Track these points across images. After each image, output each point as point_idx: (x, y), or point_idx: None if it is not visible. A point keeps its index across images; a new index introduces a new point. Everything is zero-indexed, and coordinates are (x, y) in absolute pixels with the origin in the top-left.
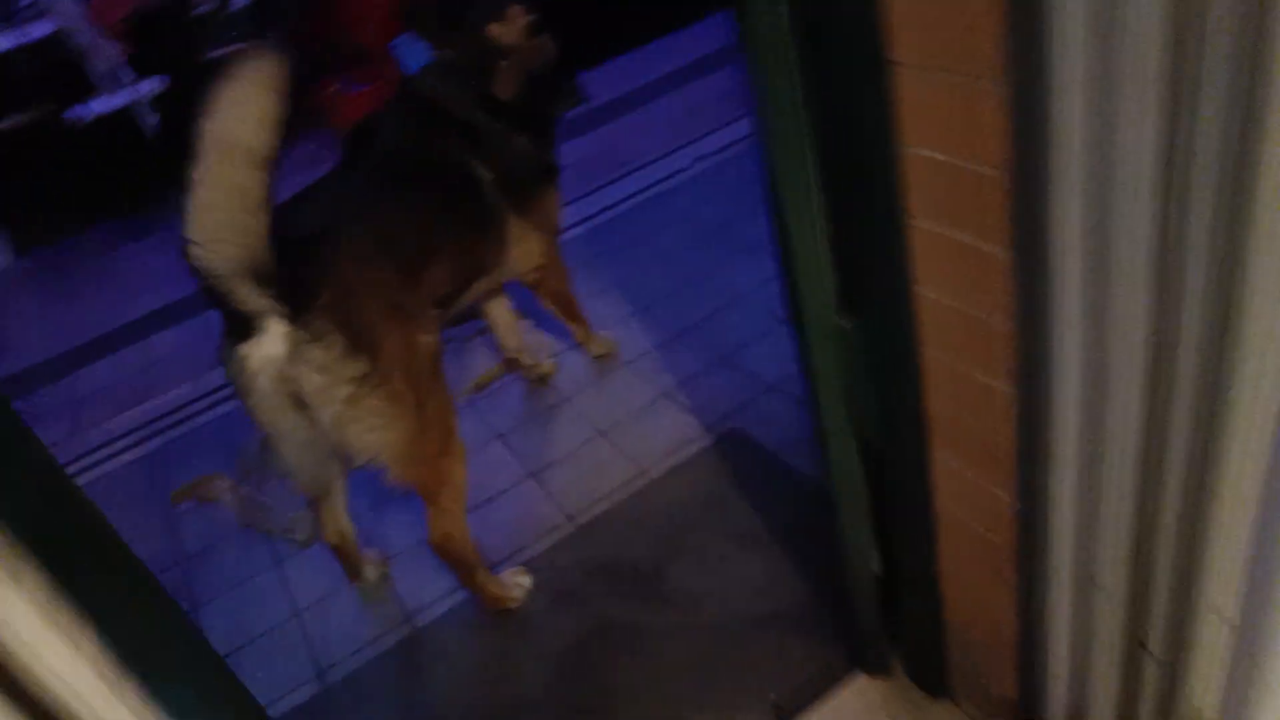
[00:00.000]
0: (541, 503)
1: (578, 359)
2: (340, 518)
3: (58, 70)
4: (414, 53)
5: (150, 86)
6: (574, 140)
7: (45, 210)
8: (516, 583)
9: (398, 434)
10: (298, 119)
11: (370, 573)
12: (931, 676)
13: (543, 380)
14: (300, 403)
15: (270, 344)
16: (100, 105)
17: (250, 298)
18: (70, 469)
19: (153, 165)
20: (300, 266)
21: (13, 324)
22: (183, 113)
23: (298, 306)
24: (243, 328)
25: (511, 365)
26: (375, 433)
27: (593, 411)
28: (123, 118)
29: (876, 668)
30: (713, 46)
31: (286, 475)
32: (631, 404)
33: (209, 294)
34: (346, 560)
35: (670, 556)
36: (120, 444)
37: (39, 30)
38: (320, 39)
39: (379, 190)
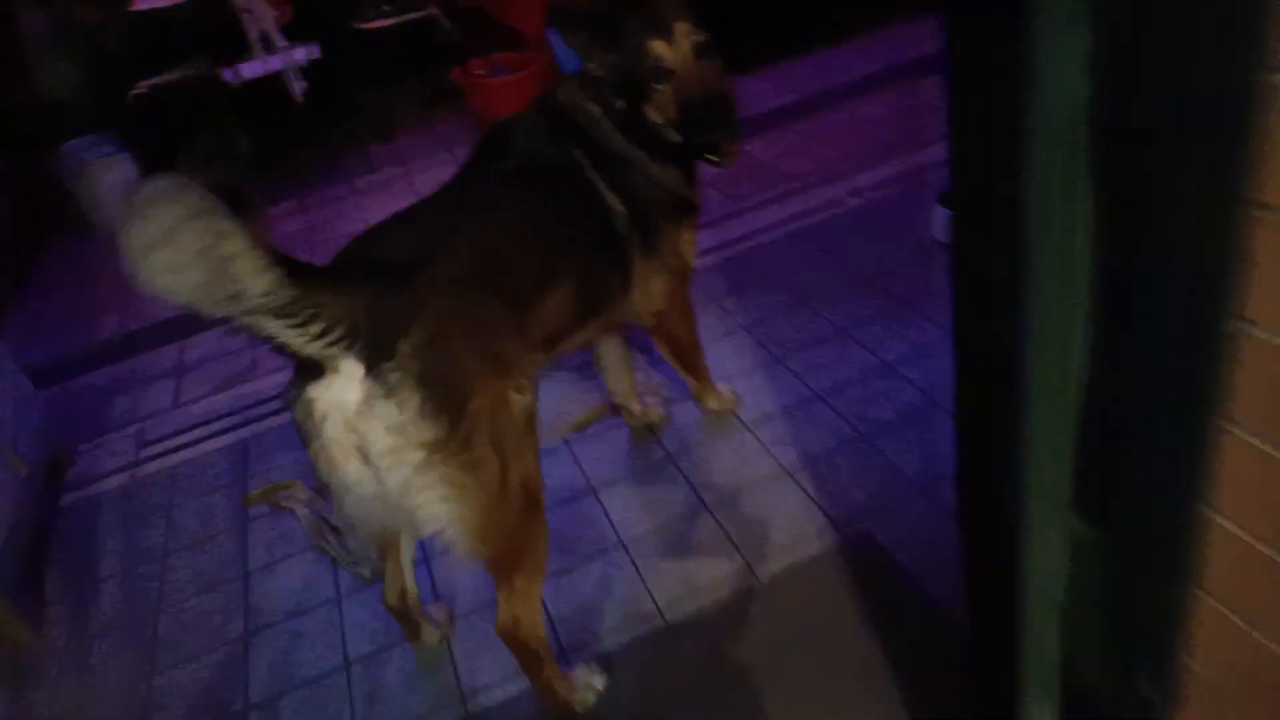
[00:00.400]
0: (629, 582)
1: (690, 411)
2: (403, 576)
3: (215, 31)
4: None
5: (302, 54)
6: None
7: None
8: (588, 684)
9: (471, 507)
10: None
11: (430, 635)
12: None
13: (649, 430)
14: (367, 457)
15: (341, 388)
16: (251, 69)
17: (307, 335)
18: (156, 448)
19: (296, 132)
20: (388, 298)
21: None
22: (330, 81)
23: (377, 348)
24: (313, 365)
25: (616, 409)
26: (446, 504)
27: (700, 477)
28: (272, 82)
29: None
30: (893, 60)
31: (348, 527)
32: (745, 475)
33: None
34: (406, 622)
35: (773, 683)
36: (204, 429)
37: None
38: (476, 15)
39: (495, 210)
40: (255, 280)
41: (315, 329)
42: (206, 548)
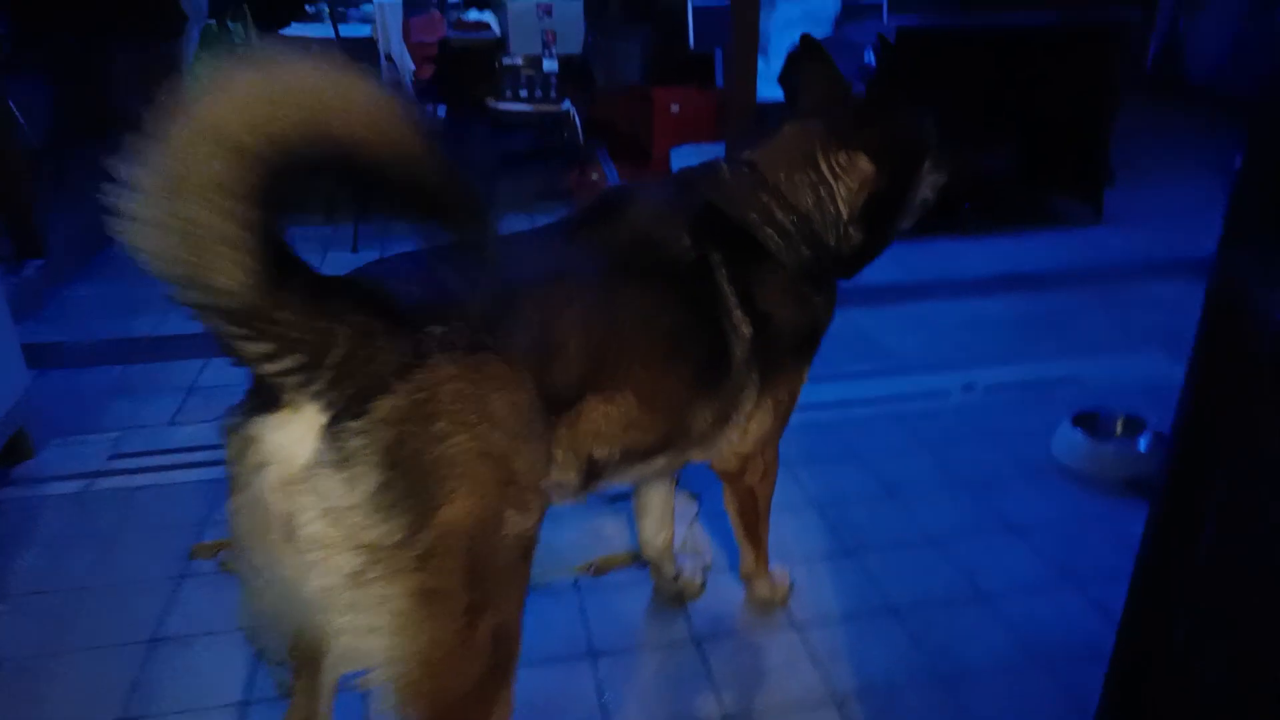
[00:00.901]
0: None
1: (733, 587)
2: (314, 707)
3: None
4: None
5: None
6: None
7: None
8: None
9: (411, 652)
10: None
11: None
12: None
13: (678, 599)
14: (292, 538)
15: (294, 436)
16: None
17: (255, 353)
18: (127, 462)
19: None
20: (382, 335)
21: None
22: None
23: (348, 398)
24: (270, 392)
25: (645, 563)
26: (376, 638)
27: (726, 677)
28: None
29: None
30: (1018, 265)
31: (255, 616)
32: (782, 691)
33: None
34: None
35: None
36: (185, 455)
37: (357, 31)
38: (609, 126)
39: (574, 276)
40: (226, 274)
41: (265, 349)
42: (125, 595)
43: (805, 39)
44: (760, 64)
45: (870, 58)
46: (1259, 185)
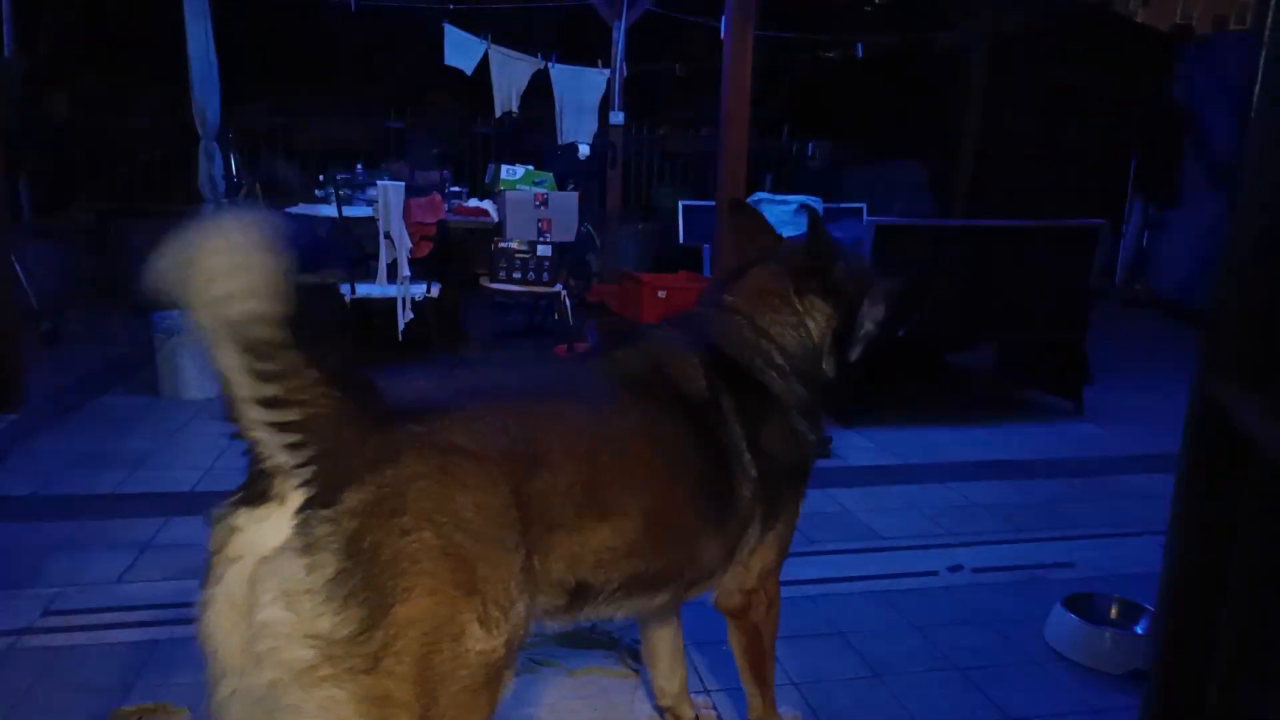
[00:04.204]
0: None
1: None
2: None
3: (351, 248)
4: None
5: (420, 290)
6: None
7: None
8: None
9: None
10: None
11: None
12: None
13: None
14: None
15: (275, 522)
16: (366, 289)
17: (264, 437)
18: (56, 620)
19: (382, 354)
20: (366, 426)
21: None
22: (440, 321)
23: (324, 485)
24: (259, 487)
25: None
26: None
27: None
28: (384, 306)
29: None
30: (1006, 453)
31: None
32: None
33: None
34: None
35: None
36: (120, 614)
37: (358, 211)
38: (599, 306)
39: (585, 393)
40: (251, 300)
41: (275, 405)
42: None
43: (733, 202)
44: None
45: None
46: None
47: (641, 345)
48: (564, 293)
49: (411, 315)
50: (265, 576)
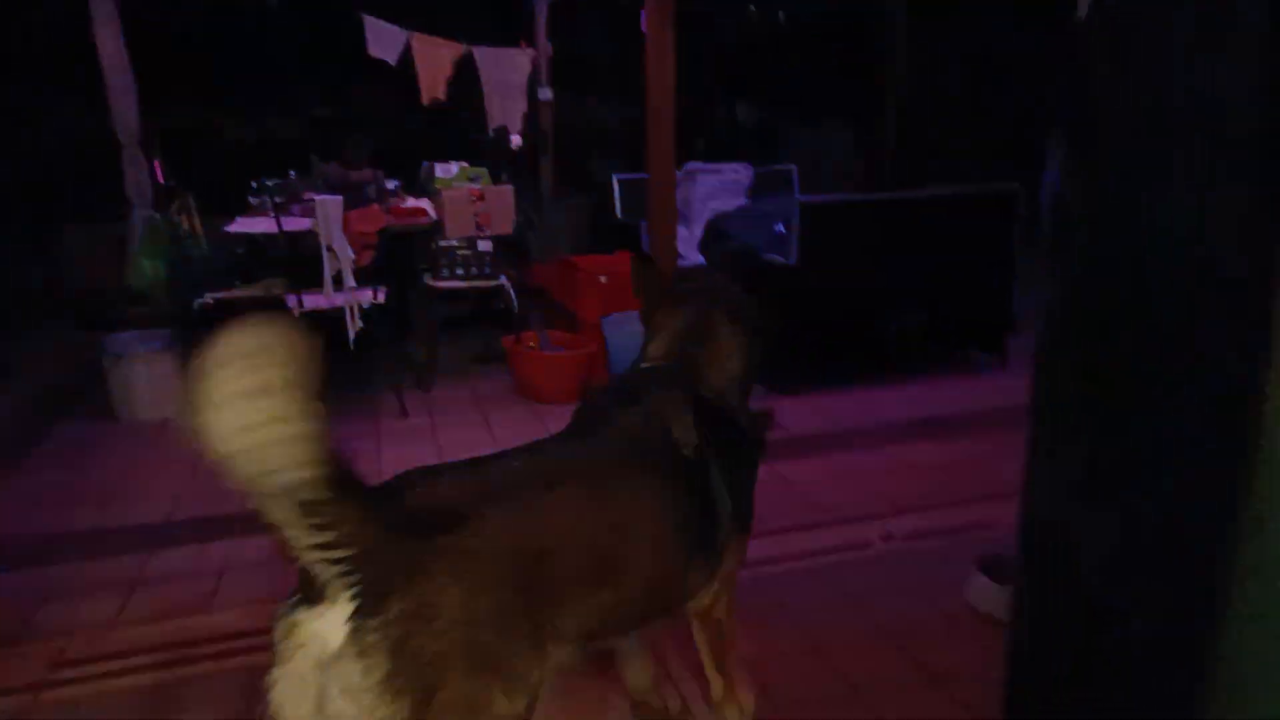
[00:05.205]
0: None
1: None
2: None
3: (296, 262)
4: (621, 333)
5: (367, 296)
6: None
7: None
8: None
9: None
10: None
11: None
12: None
13: None
14: (321, 712)
15: (329, 625)
16: (313, 301)
17: (304, 540)
18: (66, 674)
19: (338, 367)
20: (404, 542)
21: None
22: (389, 325)
23: (372, 596)
24: (318, 589)
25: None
26: None
27: None
28: (330, 318)
29: None
30: (939, 411)
31: None
32: None
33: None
34: None
35: None
36: (126, 661)
37: (298, 225)
38: (541, 294)
39: (581, 489)
40: (300, 469)
41: (324, 539)
42: None
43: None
44: (682, 231)
45: (780, 228)
46: None
47: (646, 405)
48: (507, 285)
49: (361, 324)
50: (332, 676)
